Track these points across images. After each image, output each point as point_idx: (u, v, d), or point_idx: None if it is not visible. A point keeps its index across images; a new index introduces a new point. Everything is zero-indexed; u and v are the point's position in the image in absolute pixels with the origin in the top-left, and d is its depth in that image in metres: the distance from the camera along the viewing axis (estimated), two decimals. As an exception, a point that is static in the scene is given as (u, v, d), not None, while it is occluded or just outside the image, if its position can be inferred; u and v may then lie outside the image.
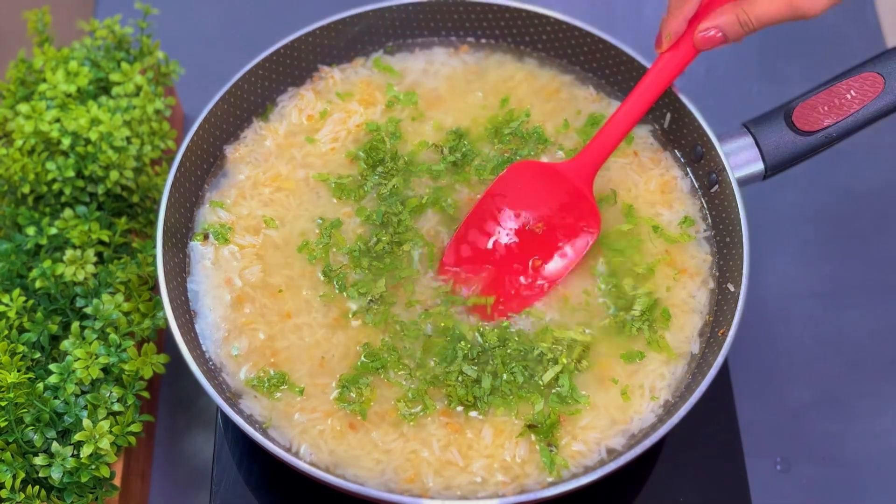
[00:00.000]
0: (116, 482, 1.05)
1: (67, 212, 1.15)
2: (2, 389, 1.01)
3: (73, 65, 1.20)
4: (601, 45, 1.19)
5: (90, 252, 1.12)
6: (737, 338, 1.01)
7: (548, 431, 1.01)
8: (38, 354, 1.08)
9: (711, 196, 1.13)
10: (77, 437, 1.00)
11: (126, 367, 1.05)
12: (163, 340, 1.24)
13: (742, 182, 1.10)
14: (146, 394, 1.08)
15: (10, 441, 1.01)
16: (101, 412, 1.03)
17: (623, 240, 1.11)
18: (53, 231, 1.14)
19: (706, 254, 1.11)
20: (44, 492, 1.01)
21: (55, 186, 1.15)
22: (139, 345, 1.11)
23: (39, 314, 1.08)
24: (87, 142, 1.15)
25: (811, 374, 1.26)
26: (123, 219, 1.17)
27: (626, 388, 1.03)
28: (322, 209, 1.13)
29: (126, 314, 1.10)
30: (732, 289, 1.06)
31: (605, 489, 1.09)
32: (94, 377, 1.04)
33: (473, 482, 0.99)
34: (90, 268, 1.11)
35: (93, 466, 1.01)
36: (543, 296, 1.08)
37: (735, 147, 1.11)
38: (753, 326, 1.25)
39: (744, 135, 1.11)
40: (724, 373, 1.17)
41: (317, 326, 1.06)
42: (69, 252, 1.11)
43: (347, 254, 1.10)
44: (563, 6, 1.26)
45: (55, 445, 1.01)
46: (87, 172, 1.15)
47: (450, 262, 1.09)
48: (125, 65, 1.23)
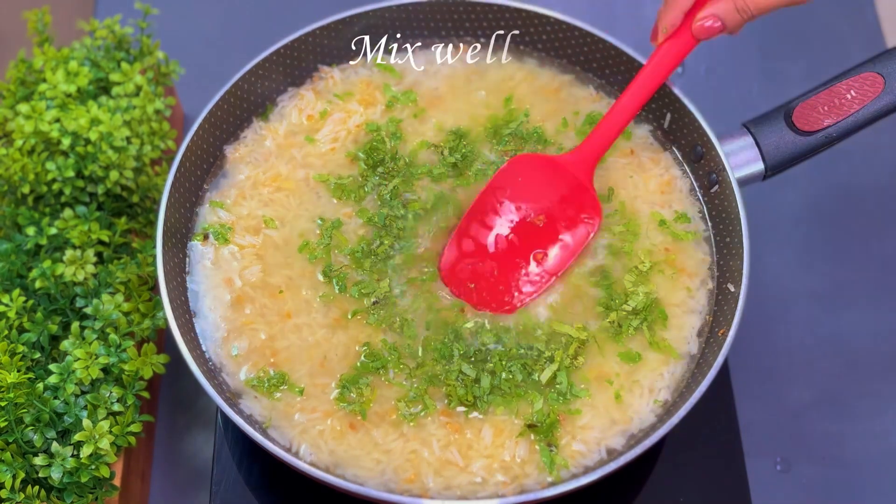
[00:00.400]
0: (116, 482, 1.05)
1: (67, 212, 1.15)
2: (2, 389, 1.01)
3: (73, 65, 1.20)
4: (601, 45, 1.19)
5: (90, 252, 1.12)
6: (737, 338, 1.01)
7: (547, 431, 1.01)
8: (38, 354, 1.08)
9: (711, 196, 1.13)
10: (77, 437, 1.00)
11: (126, 367, 1.05)
12: (163, 340, 1.24)
13: (742, 182, 1.10)
14: (146, 394, 1.08)
15: (10, 441, 1.01)
16: (101, 412, 1.03)
17: (618, 239, 1.11)
18: (53, 231, 1.14)
19: (705, 254, 1.11)
20: (44, 492, 1.01)
21: (55, 186, 1.15)
22: (139, 345, 1.11)
23: (39, 314, 1.08)
24: (87, 142, 1.15)
25: (811, 374, 1.26)
26: (123, 219, 1.17)
27: (624, 388, 1.03)
28: (322, 209, 1.13)
29: (126, 314, 1.10)
30: (732, 289, 1.06)
31: (605, 489, 1.09)
32: (94, 377, 1.04)
33: (473, 482, 0.99)
34: (90, 268, 1.11)
35: (93, 466, 1.01)
36: (546, 287, 1.08)
37: (735, 147, 1.11)
38: (753, 326, 1.25)
39: (744, 135, 1.11)
40: (724, 373, 1.17)
41: (317, 326, 1.06)
42: (69, 252, 1.11)
43: (349, 255, 1.10)
44: (563, 6, 1.26)
45: (55, 445, 1.01)
46: (87, 172, 1.15)
47: (450, 259, 1.10)
48: (125, 65, 1.23)
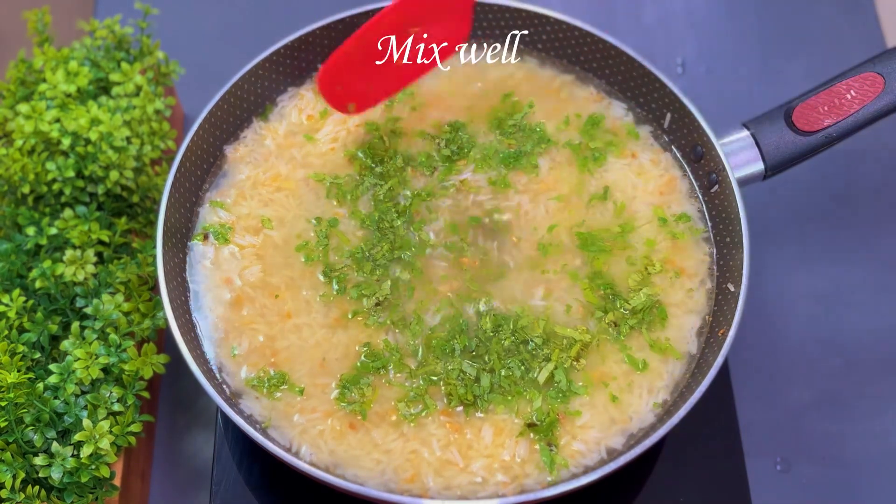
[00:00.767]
0: (116, 482, 1.05)
1: (67, 212, 1.15)
2: (2, 389, 1.01)
3: (73, 65, 1.20)
4: (601, 45, 1.19)
5: (90, 252, 1.12)
6: (737, 338, 1.01)
7: (547, 430, 1.01)
8: (38, 354, 1.08)
9: (711, 196, 1.13)
10: (77, 437, 1.00)
11: (126, 367, 1.05)
12: (163, 340, 1.24)
13: (742, 182, 1.10)
14: (146, 394, 1.08)
15: (10, 441, 1.01)
16: (101, 412, 1.03)
17: (616, 239, 1.11)
18: (53, 231, 1.14)
19: (704, 254, 1.11)
20: (44, 492, 1.01)
21: (55, 186, 1.15)
22: (139, 345, 1.11)
23: (39, 314, 1.08)
24: (87, 142, 1.15)
25: (811, 374, 1.26)
26: (123, 219, 1.17)
27: (623, 389, 1.03)
28: (322, 209, 1.13)
29: (126, 314, 1.10)
30: (732, 289, 1.06)
31: (605, 489, 1.09)
32: (94, 377, 1.04)
33: (473, 482, 0.99)
34: (90, 268, 1.11)
35: (93, 466, 1.01)
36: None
37: (735, 147, 1.11)
38: (753, 326, 1.25)
39: (744, 135, 1.11)
40: (724, 373, 1.17)
41: (317, 327, 1.06)
42: (69, 252, 1.11)
43: (350, 256, 1.10)
44: (563, 6, 1.26)
45: (55, 445, 1.01)
46: (87, 172, 1.15)
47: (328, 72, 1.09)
48: (125, 65, 1.23)
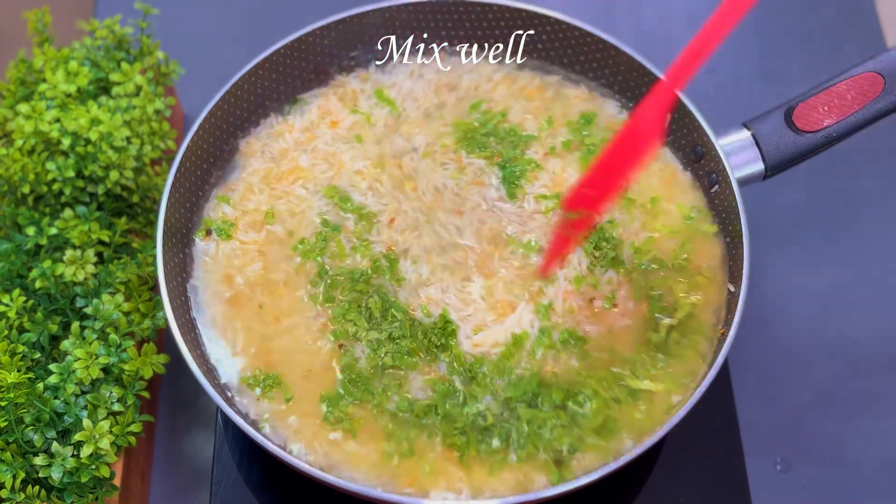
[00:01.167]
0: (116, 482, 1.05)
1: (67, 212, 1.15)
2: (2, 389, 1.01)
3: (73, 65, 1.20)
4: (601, 45, 1.19)
5: (90, 252, 1.12)
6: (737, 338, 1.01)
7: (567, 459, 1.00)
8: (38, 354, 1.08)
9: (711, 196, 1.13)
10: (77, 437, 1.00)
11: (126, 367, 1.05)
12: (163, 340, 1.24)
13: (742, 182, 1.10)
14: (146, 394, 1.08)
15: (10, 441, 1.01)
16: (101, 412, 1.03)
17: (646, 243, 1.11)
18: (53, 231, 1.14)
19: (716, 253, 1.11)
20: (44, 492, 1.01)
21: (55, 186, 1.15)
22: (139, 345, 1.11)
23: (39, 314, 1.08)
24: (87, 142, 1.15)
25: (811, 374, 1.26)
26: (123, 219, 1.17)
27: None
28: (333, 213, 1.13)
29: (126, 314, 1.10)
30: (732, 289, 1.06)
31: (605, 489, 1.09)
32: (94, 377, 1.04)
33: (473, 486, 0.99)
34: (90, 268, 1.11)
35: (93, 466, 1.01)
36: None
37: (735, 147, 1.11)
38: (753, 326, 1.25)
39: (744, 135, 1.11)
40: (724, 373, 1.17)
41: (305, 330, 1.06)
42: (69, 252, 1.11)
43: (346, 276, 1.09)
44: (563, 6, 1.26)
45: (55, 445, 1.01)
46: (87, 172, 1.15)
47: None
48: (125, 65, 1.23)
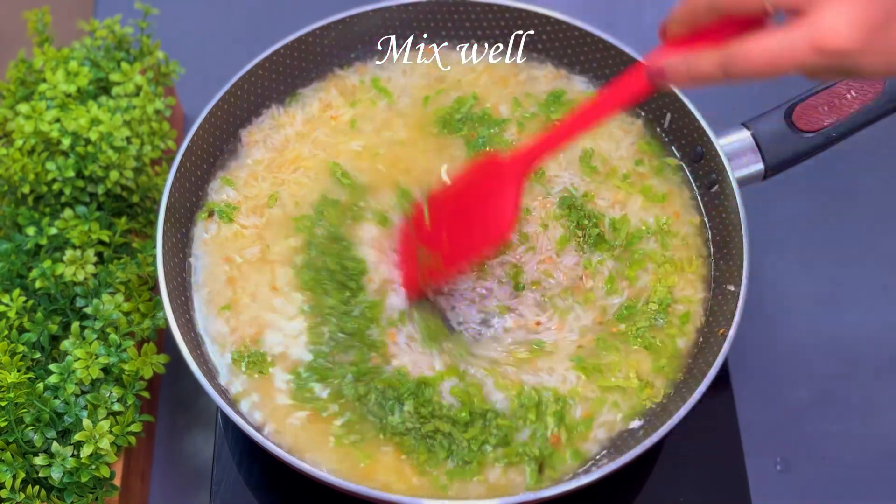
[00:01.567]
0: (116, 482, 1.05)
1: (67, 212, 1.15)
2: (2, 389, 1.01)
3: (73, 65, 1.20)
4: (601, 45, 1.19)
5: (90, 252, 1.12)
6: (737, 338, 1.01)
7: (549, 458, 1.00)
8: (38, 354, 1.08)
9: (711, 196, 1.13)
10: (77, 437, 1.00)
11: (126, 367, 1.05)
12: (163, 340, 1.23)
13: (742, 182, 1.10)
14: (146, 394, 1.08)
15: (10, 441, 1.01)
16: (101, 412, 1.03)
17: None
18: (53, 231, 1.14)
19: (702, 254, 1.12)
20: (44, 492, 1.01)
21: (55, 186, 1.15)
22: (139, 345, 1.10)
23: (39, 314, 1.08)
24: (87, 142, 1.15)
25: (811, 374, 1.25)
26: (123, 219, 1.17)
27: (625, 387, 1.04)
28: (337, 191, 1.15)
29: (126, 314, 1.10)
30: (732, 289, 1.06)
31: (605, 489, 1.08)
32: (94, 377, 1.04)
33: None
34: (90, 268, 1.11)
35: (93, 466, 1.01)
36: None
37: (735, 147, 1.11)
38: (753, 326, 1.25)
39: (744, 135, 1.11)
40: (724, 373, 1.17)
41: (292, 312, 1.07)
42: (69, 252, 1.11)
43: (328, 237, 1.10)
44: (563, 6, 1.26)
45: (55, 445, 1.01)
46: (87, 172, 1.15)
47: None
48: (125, 65, 1.23)
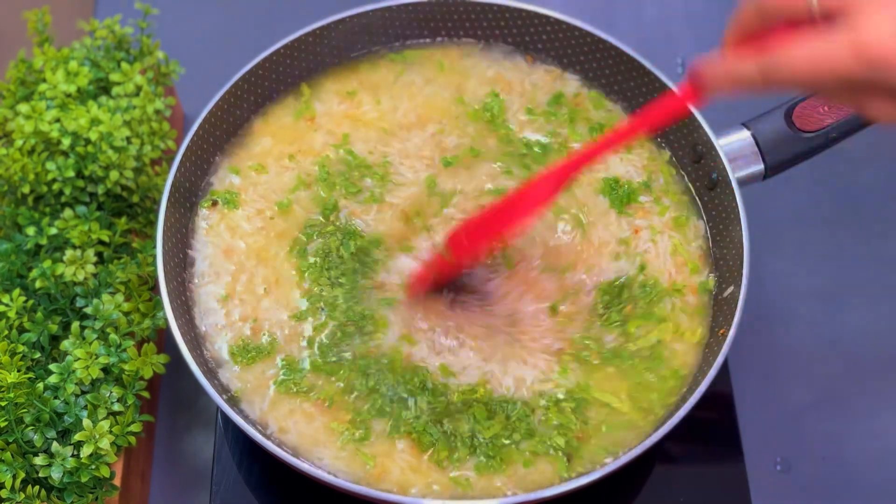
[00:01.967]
0: (116, 482, 1.05)
1: (67, 212, 1.15)
2: (2, 389, 1.01)
3: (73, 65, 1.20)
4: (601, 45, 1.19)
5: (90, 252, 1.12)
6: (737, 338, 1.01)
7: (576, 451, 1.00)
8: (38, 354, 1.08)
9: (711, 196, 1.13)
10: (77, 437, 1.00)
11: (126, 367, 1.05)
12: (163, 340, 1.23)
13: (742, 182, 1.10)
14: (146, 394, 1.08)
15: (10, 441, 1.01)
16: (101, 412, 1.03)
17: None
18: (53, 231, 1.14)
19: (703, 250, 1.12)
20: (44, 492, 1.01)
21: (55, 186, 1.15)
22: (139, 345, 1.10)
23: (39, 314, 1.08)
24: (87, 142, 1.15)
25: (811, 374, 1.26)
26: (123, 219, 1.17)
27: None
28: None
29: (126, 314, 1.10)
30: (732, 289, 1.06)
31: (606, 489, 1.08)
32: (94, 377, 1.04)
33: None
34: (90, 268, 1.11)
35: (93, 466, 1.01)
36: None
37: (735, 147, 1.11)
38: (753, 326, 1.25)
39: (744, 135, 1.11)
40: (724, 373, 1.17)
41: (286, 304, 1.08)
42: (69, 252, 1.11)
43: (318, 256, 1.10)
44: (563, 6, 1.26)
45: (55, 445, 1.01)
46: (87, 172, 1.15)
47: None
48: (125, 65, 1.23)
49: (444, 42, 1.25)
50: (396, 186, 1.14)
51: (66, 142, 1.14)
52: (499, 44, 1.24)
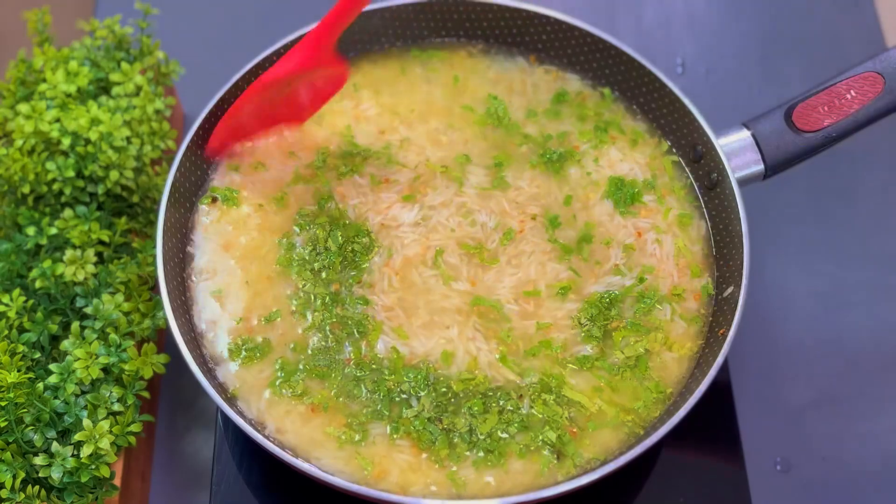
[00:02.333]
0: (116, 482, 1.05)
1: (67, 212, 1.15)
2: (2, 389, 1.01)
3: (73, 65, 1.20)
4: (601, 46, 1.19)
5: (90, 252, 1.12)
6: (737, 338, 1.01)
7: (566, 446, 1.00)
8: (38, 354, 1.08)
9: (711, 196, 1.13)
10: (77, 437, 1.00)
11: (126, 367, 1.05)
12: (163, 340, 1.24)
13: (742, 182, 1.10)
14: (146, 394, 1.08)
15: (10, 441, 1.01)
16: (101, 412, 1.03)
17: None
18: (53, 231, 1.14)
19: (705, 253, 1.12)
20: (44, 492, 1.01)
21: (55, 186, 1.15)
22: (139, 345, 1.11)
23: (39, 314, 1.08)
24: (87, 142, 1.15)
25: (811, 374, 1.26)
26: (123, 219, 1.17)
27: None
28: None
29: (126, 314, 1.10)
30: (732, 289, 1.06)
31: (605, 489, 1.09)
32: (94, 377, 1.04)
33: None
34: (90, 268, 1.11)
35: (93, 466, 1.01)
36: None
37: (735, 147, 1.11)
38: (753, 326, 1.25)
39: (744, 135, 1.11)
40: (724, 373, 1.17)
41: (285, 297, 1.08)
42: (69, 252, 1.11)
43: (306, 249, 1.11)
44: (563, 6, 1.26)
45: (55, 445, 1.01)
46: (87, 172, 1.15)
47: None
48: (125, 65, 1.23)
49: (445, 42, 1.25)
50: (399, 169, 1.15)
51: (66, 142, 1.14)
52: (500, 44, 1.25)
